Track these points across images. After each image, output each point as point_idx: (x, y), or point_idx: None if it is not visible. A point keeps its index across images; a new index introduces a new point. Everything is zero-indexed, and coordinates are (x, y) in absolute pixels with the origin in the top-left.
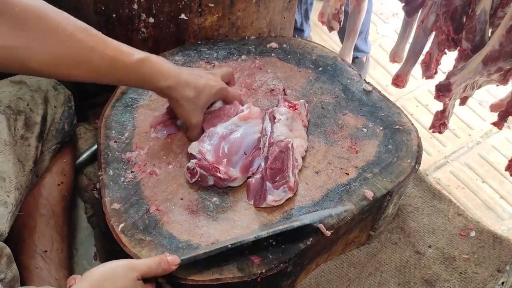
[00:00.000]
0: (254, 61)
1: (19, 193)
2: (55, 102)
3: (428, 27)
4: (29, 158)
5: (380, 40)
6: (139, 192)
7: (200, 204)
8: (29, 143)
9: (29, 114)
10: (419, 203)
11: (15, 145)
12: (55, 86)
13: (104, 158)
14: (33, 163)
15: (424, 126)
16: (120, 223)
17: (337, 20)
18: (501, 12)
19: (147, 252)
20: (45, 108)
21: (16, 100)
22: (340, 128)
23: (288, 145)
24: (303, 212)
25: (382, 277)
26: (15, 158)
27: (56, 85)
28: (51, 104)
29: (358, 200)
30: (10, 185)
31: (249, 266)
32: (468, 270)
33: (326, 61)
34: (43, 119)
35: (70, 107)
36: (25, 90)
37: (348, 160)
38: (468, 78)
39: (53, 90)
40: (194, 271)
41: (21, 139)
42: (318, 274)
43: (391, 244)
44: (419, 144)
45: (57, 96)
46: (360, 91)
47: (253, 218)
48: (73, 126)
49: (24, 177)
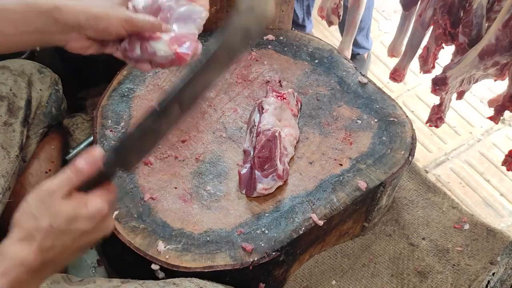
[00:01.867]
0: (251, 53)
1: (4, 180)
2: (41, 85)
3: (425, 21)
4: (14, 144)
5: (381, 37)
6: (134, 180)
7: (194, 193)
8: (13, 128)
9: (13, 99)
10: (414, 195)
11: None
12: (40, 69)
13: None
14: (18, 148)
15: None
16: (115, 211)
17: (336, 15)
18: (498, 6)
19: (140, 239)
20: (29, 92)
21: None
22: (335, 119)
23: (275, 133)
24: (295, 201)
25: (375, 269)
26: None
27: (42, 68)
28: (35, 87)
29: (351, 190)
30: None
31: (241, 254)
32: (461, 262)
33: (322, 53)
34: (27, 103)
35: (57, 90)
36: (8, 75)
37: (342, 151)
38: (464, 72)
39: (38, 73)
40: (186, 259)
41: (4, 126)
42: (312, 265)
43: (385, 236)
44: (413, 136)
45: (42, 79)
46: (355, 83)
47: (246, 208)
48: (60, 110)
49: (10, 164)
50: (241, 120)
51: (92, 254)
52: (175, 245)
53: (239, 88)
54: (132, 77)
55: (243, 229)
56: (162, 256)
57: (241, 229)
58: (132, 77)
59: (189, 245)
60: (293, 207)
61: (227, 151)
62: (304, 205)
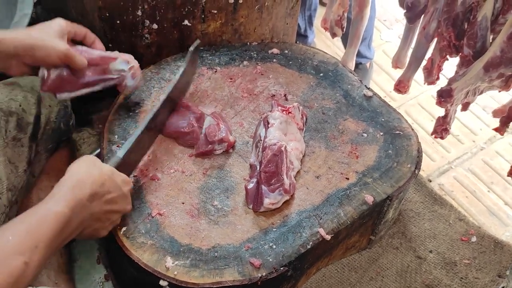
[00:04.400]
0: (256, 66)
1: (11, 194)
2: (50, 101)
3: (429, 33)
4: (22, 159)
5: (383, 46)
6: (142, 196)
7: (201, 208)
8: (22, 143)
9: (22, 115)
10: (420, 208)
11: (6, 147)
12: None
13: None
14: (27, 163)
15: (428, 131)
16: (123, 227)
17: (339, 27)
18: (502, 18)
19: (148, 255)
20: (38, 108)
21: (8, 101)
22: (340, 133)
23: (281, 148)
24: (303, 216)
25: (383, 282)
26: (6, 160)
27: None
28: (45, 103)
29: (358, 204)
30: (2, 187)
31: (249, 269)
32: (469, 275)
33: (327, 66)
34: (36, 118)
35: (66, 106)
36: (18, 91)
37: (349, 165)
38: (469, 84)
39: None
40: (194, 275)
41: (13, 140)
42: (319, 279)
43: (392, 249)
44: (419, 149)
45: (51, 95)
46: (360, 97)
47: (254, 222)
48: (69, 126)
49: (17, 178)
50: (247, 134)
51: (99, 269)
52: (183, 261)
53: (244, 102)
54: (138, 92)
55: (251, 244)
56: (171, 272)
57: (249, 244)
58: (138, 91)
59: (197, 260)
60: (300, 221)
61: (233, 165)
62: (311, 220)
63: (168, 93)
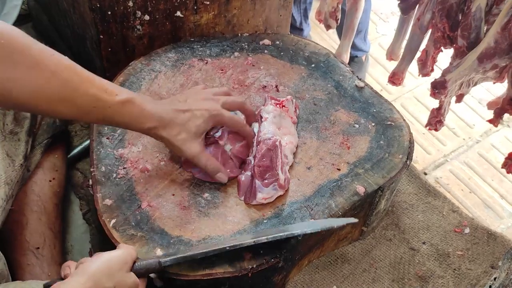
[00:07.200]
0: (247, 58)
1: (9, 188)
2: None
3: (424, 24)
4: (19, 153)
5: (379, 39)
6: (131, 188)
7: (191, 199)
8: (18, 137)
9: None
10: (414, 199)
11: (3, 140)
12: None
13: (96, 155)
14: (23, 157)
15: (423, 125)
16: (112, 219)
17: (334, 18)
18: (496, 9)
19: (138, 247)
20: None
21: None
22: (332, 124)
23: (276, 143)
24: (294, 207)
25: (376, 274)
26: (4, 153)
27: None
28: None
29: (350, 195)
30: (0, 181)
31: (240, 261)
32: (462, 267)
33: (319, 57)
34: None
35: None
36: None
37: (340, 155)
38: (463, 75)
39: None
40: (184, 267)
41: (10, 134)
42: (312, 271)
43: (386, 240)
44: (410, 140)
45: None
46: (352, 88)
47: (245, 214)
48: (64, 121)
49: (14, 172)
50: None
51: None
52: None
53: (235, 93)
54: (128, 84)
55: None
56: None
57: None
58: (129, 83)
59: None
60: (291, 213)
61: None
62: (302, 211)
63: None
